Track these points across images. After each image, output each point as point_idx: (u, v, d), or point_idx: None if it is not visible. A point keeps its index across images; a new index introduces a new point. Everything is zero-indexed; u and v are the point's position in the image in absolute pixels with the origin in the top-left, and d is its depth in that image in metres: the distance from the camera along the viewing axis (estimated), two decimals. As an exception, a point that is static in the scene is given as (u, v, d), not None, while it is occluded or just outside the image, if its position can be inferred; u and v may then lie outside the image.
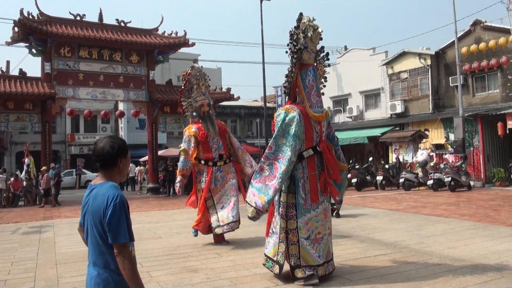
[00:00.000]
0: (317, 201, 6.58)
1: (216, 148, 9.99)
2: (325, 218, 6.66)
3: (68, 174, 37.22)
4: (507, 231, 10.06)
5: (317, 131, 6.76)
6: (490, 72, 26.33)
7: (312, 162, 6.70)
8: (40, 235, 12.15)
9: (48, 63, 23.68)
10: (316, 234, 6.52)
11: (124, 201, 3.04)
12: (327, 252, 6.62)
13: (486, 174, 23.90)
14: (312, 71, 6.82)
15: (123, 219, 2.99)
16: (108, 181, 3.13)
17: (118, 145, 3.19)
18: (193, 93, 10.39)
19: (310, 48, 6.77)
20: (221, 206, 9.66)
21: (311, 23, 6.73)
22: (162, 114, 26.96)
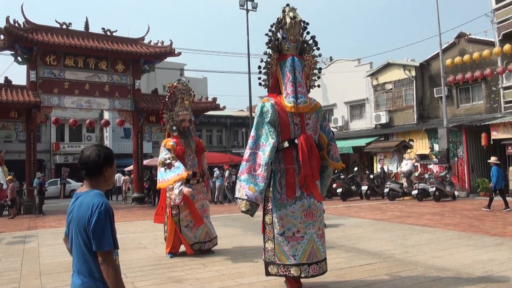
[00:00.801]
0: (293, 196, 6.31)
1: (191, 165, 9.80)
2: (307, 217, 6.31)
3: (52, 183, 36.96)
4: (491, 241, 10.12)
5: (296, 123, 6.45)
6: (474, 84, 26.58)
7: (289, 155, 6.45)
8: (24, 245, 12.04)
9: (33, 71, 23.52)
10: (295, 232, 6.26)
11: (109, 208, 3.04)
12: (310, 254, 6.24)
13: (470, 184, 24.08)
14: (291, 61, 6.56)
15: (107, 227, 2.99)
16: (94, 189, 3.15)
17: (104, 153, 3.19)
18: (176, 106, 10.23)
19: (289, 38, 6.63)
20: (186, 224, 9.45)
21: (290, 12, 6.63)
22: (148, 123, 26.88)
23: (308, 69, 6.93)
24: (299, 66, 6.59)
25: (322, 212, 6.58)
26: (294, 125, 6.44)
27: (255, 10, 34.71)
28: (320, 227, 6.44)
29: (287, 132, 6.44)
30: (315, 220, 6.37)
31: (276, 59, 6.70)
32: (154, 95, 27.87)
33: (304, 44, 6.91)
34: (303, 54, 6.85)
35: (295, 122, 6.45)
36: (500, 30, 24.50)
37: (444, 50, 26.54)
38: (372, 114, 31.82)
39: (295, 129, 6.45)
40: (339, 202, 22.79)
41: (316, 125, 6.68)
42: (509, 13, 24.20)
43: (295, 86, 6.45)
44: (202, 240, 9.52)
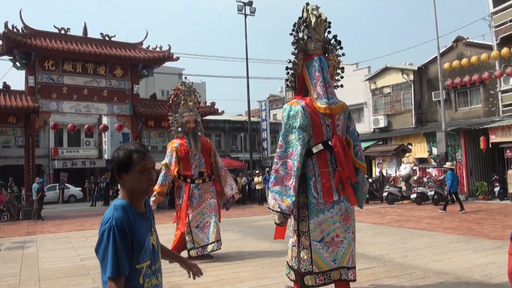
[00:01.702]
0: (331, 201, 5.95)
1: (197, 165, 9.94)
2: (344, 221, 5.98)
3: (51, 188, 36.91)
4: (490, 244, 10.12)
5: (328, 124, 6.14)
6: (472, 87, 26.64)
7: (323, 158, 6.09)
8: (23, 250, 12.03)
9: (32, 76, 23.54)
10: (334, 237, 5.90)
11: (117, 226, 2.53)
12: (350, 258, 5.91)
13: (469, 188, 24.07)
14: (318, 61, 6.28)
15: (110, 249, 2.49)
16: (121, 198, 2.70)
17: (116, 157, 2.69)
18: (180, 108, 10.37)
19: (314, 37, 6.35)
20: (196, 225, 9.57)
21: (314, 11, 6.34)
22: (146, 128, 26.88)
23: (332, 69, 6.74)
24: (326, 66, 6.39)
25: (354, 215, 6.30)
26: (326, 127, 6.14)
27: (253, 15, 34.78)
28: (353, 230, 6.19)
29: (320, 134, 6.13)
30: (351, 223, 6.08)
31: (302, 59, 6.42)
32: (152, 100, 27.90)
33: (327, 43, 6.69)
34: (327, 53, 6.66)
35: (327, 123, 6.15)
36: (498, 33, 24.57)
37: (442, 54, 26.59)
38: (371, 118, 31.86)
39: (327, 131, 6.15)
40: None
41: (344, 126, 6.43)
42: (506, 17, 24.28)
43: (325, 87, 6.22)
44: (214, 239, 9.49)
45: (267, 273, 7.94)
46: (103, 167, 44.84)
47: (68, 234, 15.28)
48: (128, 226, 2.54)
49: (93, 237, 14.07)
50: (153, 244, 2.76)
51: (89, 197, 36.00)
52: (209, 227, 9.56)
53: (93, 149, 45.69)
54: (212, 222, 9.61)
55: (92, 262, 9.69)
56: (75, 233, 15.66)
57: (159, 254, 2.86)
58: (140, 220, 2.66)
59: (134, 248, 2.55)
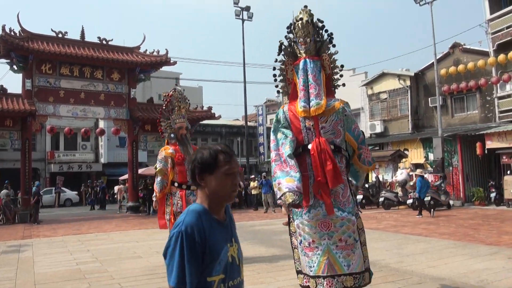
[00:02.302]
0: (307, 205, 5.74)
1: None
2: (320, 227, 5.70)
3: (47, 192, 36.84)
4: (486, 250, 10.13)
5: (309, 127, 5.94)
6: (468, 94, 26.71)
7: (303, 162, 5.91)
8: (19, 254, 11.99)
9: (29, 79, 23.51)
10: (310, 242, 5.71)
11: (186, 232, 2.31)
12: (325, 267, 5.59)
13: (465, 193, 24.11)
14: (302, 64, 6.10)
15: (176, 255, 2.28)
16: (199, 203, 2.49)
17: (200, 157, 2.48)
18: (173, 114, 10.38)
19: (300, 41, 6.16)
20: None
21: (300, 14, 6.25)
22: (143, 132, 26.85)
23: (328, 68, 6.32)
24: (312, 68, 6.09)
25: (347, 221, 5.76)
26: (306, 130, 5.96)
27: (251, 20, 34.79)
28: (342, 238, 5.69)
29: (300, 137, 5.99)
30: (333, 230, 5.69)
31: (291, 64, 6.32)
32: (149, 104, 27.87)
33: (320, 43, 6.36)
34: (320, 54, 6.32)
35: (308, 126, 5.95)
36: (494, 40, 24.65)
37: (439, 60, 26.68)
38: (367, 124, 31.89)
39: (308, 134, 5.95)
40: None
41: (337, 128, 6.07)
42: (503, 24, 24.36)
43: (306, 89, 6.01)
44: None
45: (263, 278, 7.93)
46: (100, 171, 44.80)
47: (64, 238, 15.25)
48: (200, 234, 2.32)
49: (89, 241, 14.07)
50: (233, 256, 2.50)
51: (85, 201, 35.91)
52: None
53: (90, 153, 45.59)
54: None
55: (88, 267, 9.68)
56: (71, 237, 15.62)
57: (240, 269, 2.58)
58: (217, 228, 2.44)
59: (206, 258, 2.33)
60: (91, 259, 10.79)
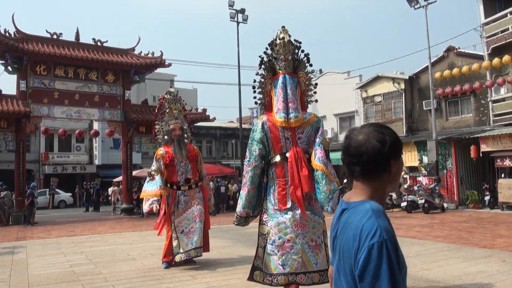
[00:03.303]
0: (284, 208, 6.40)
1: (183, 172, 10.07)
2: (297, 227, 6.32)
3: (41, 193, 36.71)
4: (480, 253, 10.16)
5: (287, 137, 6.59)
6: (463, 97, 26.78)
7: (281, 169, 6.57)
8: (12, 256, 11.95)
9: (23, 81, 23.45)
10: (285, 241, 6.28)
11: (389, 240, 1.83)
12: (298, 264, 6.23)
13: (459, 196, 24.16)
14: (282, 79, 6.74)
15: (384, 273, 1.74)
16: (369, 200, 1.99)
17: (391, 139, 2.03)
18: (165, 117, 10.56)
19: (279, 57, 6.82)
20: (181, 230, 9.65)
21: (281, 34, 6.87)
22: (137, 134, 26.80)
23: (303, 85, 7.06)
24: (291, 83, 6.73)
25: (317, 224, 6.48)
26: (285, 140, 6.57)
27: (246, 23, 34.80)
28: (313, 238, 6.36)
29: (279, 146, 6.59)
30: (307, 231, 6.33)
31: (270, 78, 6.93)
32: (144, 105, 27.82)
33: (298, 62, 7.04)
34: (297, 71, 7.00)
35: (286, 136, 6.57)
36: (489, 44, 24.73)
37: (433, 64, 26.76)
38: (362, 126, 31.94)
39: (286, 144, 6.57)
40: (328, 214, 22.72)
41: (311, 139, 6.72)
42: (498, 28, 24.46)
43: (286, 102, 6.60)
44: (198, 245, 9.49)
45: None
46: (94, 173, 44.70)
47: (58, 240, 15.20)
48: (395, 238, 1.89)
49: (83, 243, 14.03)
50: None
51: (79, 203, 35.82)
52: (194, 233, 9.57)
53: (84, 155, 45.50)
54: (197, 228, 9.61)
55: (81, 269, 9.66)
56: (65, 239, 15.58)
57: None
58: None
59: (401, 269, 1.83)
60: (85, 261, 10.76)
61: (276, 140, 6.59)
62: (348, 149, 2.03)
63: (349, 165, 2.04)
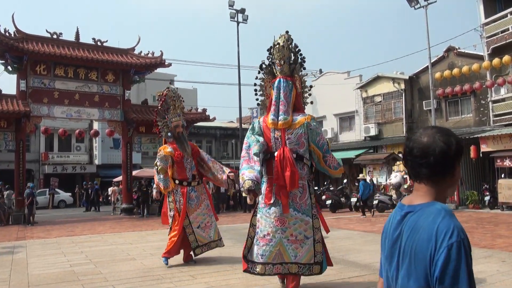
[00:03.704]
0: (268, 202, 6.95)
1: (190, 168, 10.16)
2: (277, 222, 6.87)
3: (41, 193, 36.68)
4: (480, 253, 10.15)
5: (277, 138, 7.10)
6: (463, 97, 26.76)
7: (270, 166, 7.14)
8: (12, 255, 11.95)
9: (23, 80, 23.45)
10: (265, 234, 6.91)
11: (466, 239, 1.91)
12: (276, 255, 6.82)
13: (459, 197, 24.15)
14: (277, 83, 7.22)
15: (463, 272, 1.83)
16: (435, 202, 2.02)
17: (456, 142, 2.01)
18: (169, 113, 10.51)
19: (277, 62, 7.34)
20: (197, 225, 9.81)
21: (279, 39, 7.36)
22: (137, 134, 26.81)
23: (299, 88, 7.55)
24: (285, 86, 7.18)
25: (300, 221, 6.91)
26: (275, 140, 7.11)
27: (246, 22, 34.83)
28: (293, 233, 6.85)
29: (269, 145, 7.17)
30: (287, 227, 6.85)
31: (270, 81, 7.51)
32: (144, 105, 27.82)
33: (295, 65, 7.51)
34: (294, 74, 7.48)
35: (276, 137, 7.10)
36: (489, 44, 24.73)
37: (433, 64, 26.74)
38: (362, 126, 31.95)
39: (276, 143, 7.10)
40: (329, 213, 22.79)
41: (301, 140, 7.14)
42: (498, 28, 24.45)
43: (277, 105, 7.12)
44: (216, 238, 10.06)
45: (257, 280, 7.92)
46: (94, 173, 44.68)
47: (57, 240, 15.21)
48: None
49: (83, 243, 14.03)
50: None
51: (79, 203, 35.78)
52: (211, 227, 10.01)
53: (84, 154, 45.46)
54: (212, 221, 10.12)
55: (81, 268, 9.66)
56: (65, 238, 15.59)
57: None
58: None
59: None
60: (85, 261, 10.77)
61: (267, 140, 7.18)
62: (412, 151, 2.04)
63: (413, 167, 2.05)
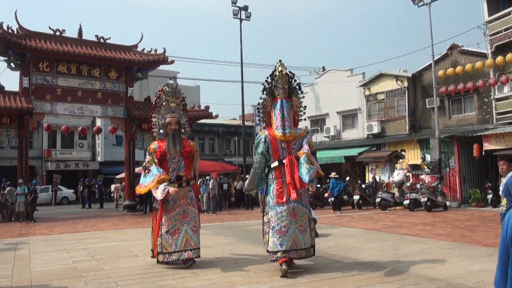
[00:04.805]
0: (281, 201, 8.52)
1: (175, 168, 9.51)
2: (291, 216, 8.45)
3: (44, 190, 36.74)
4: (483, 251, 10.14)
5: (284, 148, 8.79)
6: (466, 95, 26.73)
7: (278, 171, 8.76)
8: (15, 252, 11.96)
9: (26, 77, 23.47)
10: (282, 227, 8.40)
11: None
12: (292, 243, 8.36)
13: (462, 195, 24.14)
14: (280, 103, 8.93)
15: None
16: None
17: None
18: (161, 109, 10.06)
19: (278, 86, 9.03)
20: (166, 230, 9.11)
21: (279, 67, 9.10)
22: (140, 131, 26.84)
23: (296, 107, 9.30)
24: (286, 106, 8.94)
25: (304, 213, 8.64)
26: (282, 149, 8.80)
27: (249, 20, 34.85)
28: (301, 224, 8.54)
29: (277, 154, 8.81)
30: (297, 219, 8.51)
31: (271, 101, 9.15)
32: (146, 103, 27.83)
33: (292, 89, 9.26)
34: (291, 96, 9.20)
35: (283, 147, 8.80)
36: (492, 42, 24.68)
37: (437, 61, 26.69)
38: (364, 124, 31.93)
39: (283, 152, 8.79)
40: (331, 211, 22.78)
41: (297, 148, 8.88)
42: (501, 26, 24.39)
43: (283, 121, 8.80)
44: (182, 248, 9.07)
45: (259, 278, 7.93)
46: (96, 169, 44.76)
47: (60, 236, 15.22)
48: None
49: (86, 240, 14.05)
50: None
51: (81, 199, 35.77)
52: (179, 234, 9.11)
53: (87, 151, 45.50)
54: (183, 230, 9.16)
55: (84, 265, 9.66)
56: (68, 235, 15.60)
57: None
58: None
59: None
60: (88, 257, 10.77)
61: (275, 149, 8.81)
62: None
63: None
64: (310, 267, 8.78)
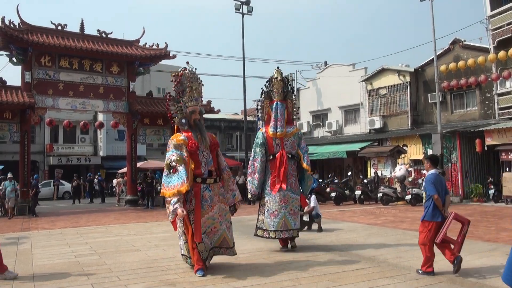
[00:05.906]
0: (274, 189, 10.18)
1: (206, 162, 8.50)
2: (282, 202, 10.11)
3: (46, 185, 36.80)
4: (484, 246, 10.15)
5: (278, 144, 10.41)
6: (468, 90, 26.66)
7: (273, 164, 10.37)
8: (17, 246, 11.99)
9: (28, 72, 23.46)
10: (274, 211, 10.10)
11: None
12: (282, 225, 10.03)
13: (464, 190, 24.13)
14: (275, 105, 10.55)
15: None
16: None
17: None
18: (184, 97, 8.82)
19: (275, 90, 10.70)
20: (204, 230, 8.18)
21: (275, 74, 10.80)
22: (142, 125, 26.83)
23: (290, 108, 10.96)
24: (281, 108, 10.53)
25: (295, 199, 10.31)
26: (276, 145, 10.42)
27: (251, 14, 34.79)
28: (292, 208, 10.20)
29: (272, 149, 10.44)
30: (288, 204, 10.16)
31: (269, 103, 10.86)
32: (148, 97, 27.84)
33: (287, 92, 10.87)
34: (286, 99, 10.83)
35: (277, 143, 10.43)
36: (494, 37, 24.61)
37: (439, 56, 26.62)
38: (366, 119, 31.89)
39: (276, 148, 10.41)
40: (333, 206, 22.80)
41: (294, 145, 10.57)
42: (504, 20, 24.32)
43: (276, 121, 10.44)
44: (218, 245, 8.48)
45: (261, 272, 7.93)
46: (98, 164, 44.80)
47: (62, 231, 15.26)
48: None
49: (88, 234, 14.08)
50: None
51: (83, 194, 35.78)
52: (216, 233, 8.38)
53: (89, 146, 45.54)
54: (220, 229, 8.43)
55: (86, 259, 9.68)
56: (70, 229, 15.64)
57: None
58: None
59: None
60: (90, 251, 10.80)
61: (270, 145, 10.44)
62: None
63: None
64: (311, 262, 8.79)
